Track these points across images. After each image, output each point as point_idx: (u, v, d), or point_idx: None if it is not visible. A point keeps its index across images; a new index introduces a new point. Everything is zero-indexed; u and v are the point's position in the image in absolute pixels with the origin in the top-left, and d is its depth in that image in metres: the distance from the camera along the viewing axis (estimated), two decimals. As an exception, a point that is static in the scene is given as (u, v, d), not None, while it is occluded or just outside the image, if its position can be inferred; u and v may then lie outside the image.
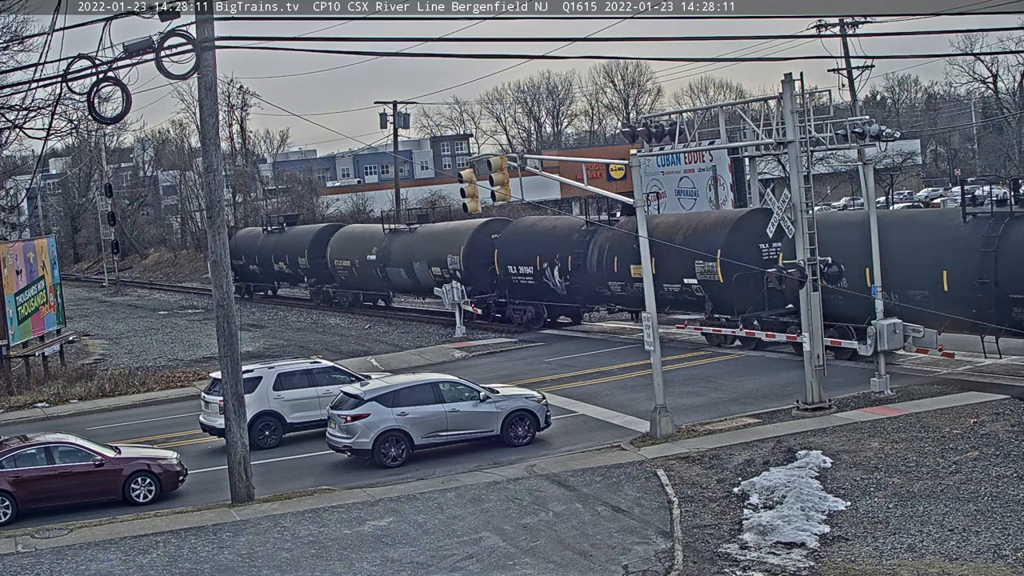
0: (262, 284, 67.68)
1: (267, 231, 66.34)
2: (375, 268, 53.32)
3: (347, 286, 57.25)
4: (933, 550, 16.88)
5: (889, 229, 29.35)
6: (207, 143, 22.38)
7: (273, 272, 64.95)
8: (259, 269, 66.29)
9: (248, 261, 66.87)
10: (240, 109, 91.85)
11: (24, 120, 35.19)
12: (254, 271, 67.11)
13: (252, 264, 66.78)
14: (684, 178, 63.45)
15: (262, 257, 65.32)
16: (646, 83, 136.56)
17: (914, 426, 23.54)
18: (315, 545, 19.08)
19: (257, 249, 65.96)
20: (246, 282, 68.18)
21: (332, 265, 57.49)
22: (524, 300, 44.68)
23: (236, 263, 67.41)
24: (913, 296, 28.54)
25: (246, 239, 68.45)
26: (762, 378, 30.80)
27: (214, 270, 22.55)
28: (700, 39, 38.60)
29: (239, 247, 67.47)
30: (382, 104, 70.87)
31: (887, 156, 64.15)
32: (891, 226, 30.06)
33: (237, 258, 66.81)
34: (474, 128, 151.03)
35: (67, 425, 31.34)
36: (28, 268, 39.93)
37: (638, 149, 28.74)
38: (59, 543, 20.12)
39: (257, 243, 66.29)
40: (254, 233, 68.98)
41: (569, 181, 33.78)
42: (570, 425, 27.65)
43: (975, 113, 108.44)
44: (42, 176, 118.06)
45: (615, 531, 18.88)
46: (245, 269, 67.30)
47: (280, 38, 23.91)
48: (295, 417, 28.07)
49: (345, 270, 56.33)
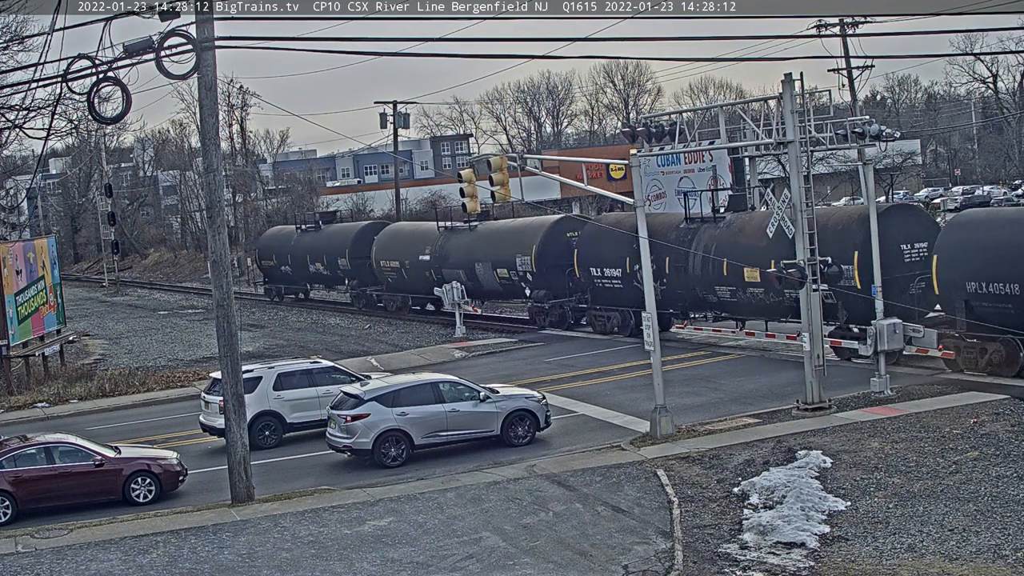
0: (294, 286, 64.01)
1: (301, 230, 62.03)
2: (429, 270, 48.95)
3: (395, 289, 53.07)
4: (933, 550, 16.88)
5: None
6: (207, 143, 22.38)
7: (308, 274, 61.04)
8: (291, 270, 62.37)
9: (279, 262, 63.20)
10: (240, 109, 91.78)
11: (24, 120, 35.27)
12: (285, 272, 63.14)
13: (284, 265, 62.80)
14: (684, 178, 63.40)
15: (295, 258, 61.24)
16: (646, 83, 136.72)
17: (914, 426, 23.54)
18: (315, 545, 19.08)
19: (290, 249, 61.97)
20: (276, 284, 65.01)
21: (377, 266, 53.31)
22: (608, 306, 40.47)
23: (266, 264, 65.32)
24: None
25: (277, 239, 64.72)
26: (762, 378, 30.80)
27: (214, 270, 22.55)
28: (700, 39, 38.68)
29: (269, 247, 64.82)
30: (382, 104, 70.87)
31: (887, 156, 64.16)
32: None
33: (267, 259, 64.80)
34: (474, 128, 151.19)
35: (67, 425, 31.33)
36: (28, 268, 39.94)
37: (638, 149, 28.76)
38: (59, 543, 20.11)
39: (290, 243, 62.24)
40: (286, 232, 64.96)
41: (569, 181, 33.83)
42: (570, 425, 27.64)
43: (975, 113, 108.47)
44: (42, 176, 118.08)
45: (615, 531, 18.88)
46: (276, 271, 64.05)
47: (280, 38, 23.89)
48: (295, 417, 28.06)
49: (393, 272, 52.20)
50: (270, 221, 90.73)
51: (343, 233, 58.15)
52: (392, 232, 54.20)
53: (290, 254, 61.80)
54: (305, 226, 61.97)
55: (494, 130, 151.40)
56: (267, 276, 66.04)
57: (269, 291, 65.96)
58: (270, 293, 65.83)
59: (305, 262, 60.08)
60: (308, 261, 59.75)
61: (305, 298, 64.18)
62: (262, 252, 66.27)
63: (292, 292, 64.42)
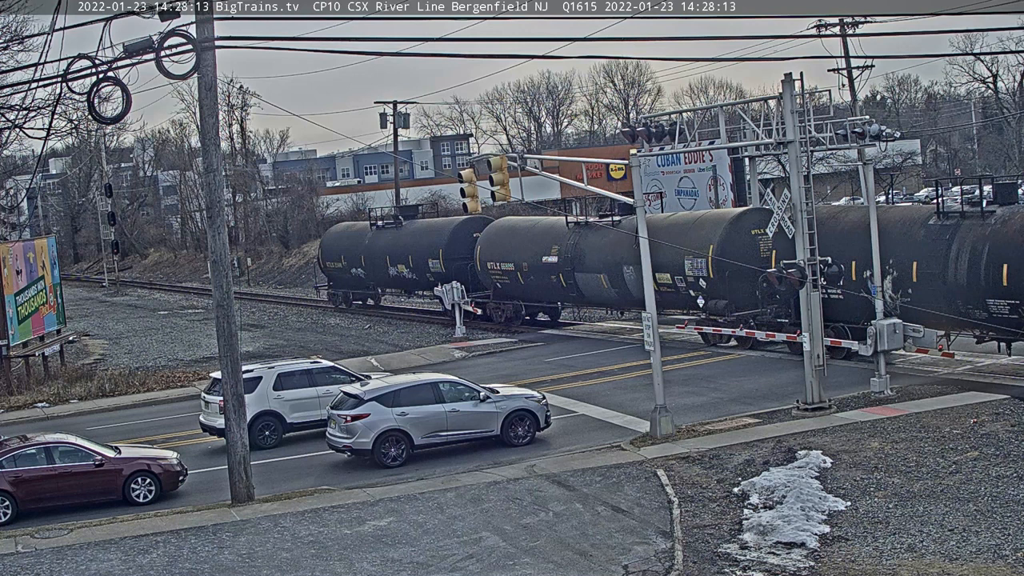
0: (365, 292, 56.43)
1: (377, 226, 54.03)
2: (556, 274, 41.72)
3: (506, 296, 45.41)
4: (933, 550, 16.88)
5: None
6: (207, 143, 22.38)
7: (387, 277, 53.00)
8: (365, 273, 54.53)
9: (349, 264, 55.40)
10: (240, 109, 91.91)
11: (24, 120, 35.25)
12: (356, 276, 55.34)
13: (355, 268, 55.06)
14: (684, 178, 63.47)
15: (371, 259, 53.39)
16: (646, 83, 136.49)
17: (914, 426, 23.53)
18: (315, 545, 19.08)
19: (363, 249, 54.09)
20: (343, 290, 57.27)
21: (483, 269, 45.49)
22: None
23: (331, 267, 57.48)
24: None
25: (346, 237, 56.99)
26: (762, 378, 30.80)
27: (214, 270, 22.55)
28: (700, 39, 38.71)
29: (335, 247, 57.07)
30: (382, 104, 70.78)
31: (887, 156, 64.13)
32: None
33: (333, 260, 57.05)
34: (474, 128, 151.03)
35: (67, 425, 31.33)
36: (28, 268, 39.95)
37: (638, 149, 28.75)
38: (59, 543, 20.11)
39: (362, 242, 54.41)
40: (356, 230, 57.04)
41: (569, 181, 33.81)
42: (570, 425, 27.64)
43: (975, 113, 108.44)
44: (42, 176, 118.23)
45: (615, 531, 18.88)
46: (344, 274, 56.33)
47: (280, 38, 23.90)
48: (295, 417, 28.07)
49: (504, 276, 44.45)
50: (270, 221, 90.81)
51: (435, 230, 49.72)
52: (503, 229, 45.69)
53: (364, 255, 54.07)
54: (382, 222, 54.14)
55: (494, 130, 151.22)
56: (332, 280, 58.15)
57: (334, 297, 58.24)
58: (335, 299, 58.22)
59: (383, 264, 52.45)
60: (388, 263, 51.97)
61: (375, 304, 56.75)
62: (326, 253, 58.32)
63: (360, 298, 57.05)
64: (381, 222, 54.16)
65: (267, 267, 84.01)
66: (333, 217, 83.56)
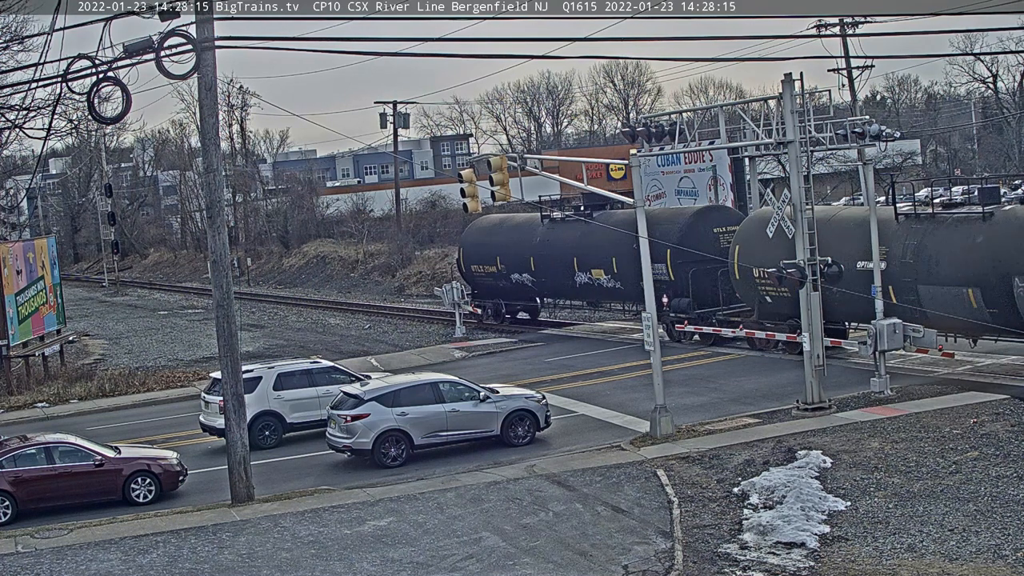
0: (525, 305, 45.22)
1: (550, 219, 42.54)
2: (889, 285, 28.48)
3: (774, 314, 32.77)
4: (933, 550, 16.88)
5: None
6: (207, 143, 22.38)
7: (571, 286, 41.37)
8: (534, 280, 43.01)
9: (509, 268, 43.57)
10: (240, 109, 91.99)
11: (24, 120, 35.29)
12: (520, 284, 43.66)
13: (518, 272, 43.27)
14: (684, 178, 63.40)
15: (543, 261, 41.87)
16: (646, 83, 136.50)
17: (914, 426, 23.53)
18: (315, 545, 19.08)
19: (533, 248, 42.49)
20: (493, 300, 45.23)
21: (742, 277, 33.33)
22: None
23: (478, 271, 45.75)
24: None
25: (502, 233, 45.01)
26: (762, 378, 30.80)
27: (214, 270, 22.55)
28: (700, 39, 38.75)
29: (485, 246, 45.40)
30: (382, 104, 70.93)
31: (887, 156, 64.15)
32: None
33: (482, 263, 45.43)
34: (474, 128, 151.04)
35: (67, 425, 31.34)
36: (28, 268, 39.95)
37: (638, 149, 28.77)
38: (59, 543, 20.11)
39: (533, 239, 42.69)
40: (518, 225, 44.87)
41: (569, 181, 33.80)
42: (570, 425, 27.64)
43: (975, 113, 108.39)
44: (42, 176, 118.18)
45: (615, 531, 18.88)
46: (500, 281, 44.48)
47: (280, 38, 23.90)
48: (295, 417, 28.07)
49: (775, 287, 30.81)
50: (270, 221, 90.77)
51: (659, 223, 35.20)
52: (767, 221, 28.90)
53: (534, 256, 42.34)
54: (562, 214, 43.25)
55: (494, 130, 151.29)
56: (477, 288, 45.78)
57: (483, 309, 45.77)
58: (484, 312, 45.82)
59: (567, 268, 40.81)
60: (575, 268, 40.40)
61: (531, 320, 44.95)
62: (469, 254, 46.50)
63: (517, 311, 45.46)
64: (559, 214, 43.50)
65: (267, 267, 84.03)
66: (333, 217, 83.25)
